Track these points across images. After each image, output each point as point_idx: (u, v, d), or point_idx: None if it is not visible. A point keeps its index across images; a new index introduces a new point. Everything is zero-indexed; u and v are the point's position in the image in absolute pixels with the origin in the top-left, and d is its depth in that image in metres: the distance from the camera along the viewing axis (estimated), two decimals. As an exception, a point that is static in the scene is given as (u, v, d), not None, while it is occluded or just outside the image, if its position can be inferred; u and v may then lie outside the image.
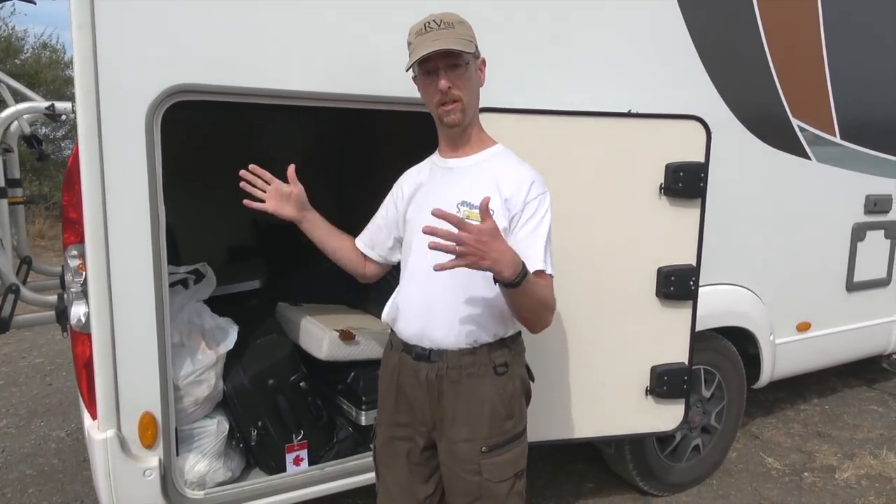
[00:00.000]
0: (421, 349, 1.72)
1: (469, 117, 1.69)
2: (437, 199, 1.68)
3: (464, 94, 1.64)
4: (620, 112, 2.41)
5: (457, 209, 1.65)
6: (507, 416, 1.72)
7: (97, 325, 1.94)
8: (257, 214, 1.83)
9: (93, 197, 1.88)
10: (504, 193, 1.66)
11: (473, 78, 1.68)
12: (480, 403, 1.70)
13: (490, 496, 1.70)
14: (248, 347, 2.37)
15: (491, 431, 1.70)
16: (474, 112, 1.73)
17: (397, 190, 1.89)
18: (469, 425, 1.70)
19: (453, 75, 1.62)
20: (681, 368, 2.56)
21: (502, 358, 1.72)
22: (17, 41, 12.19)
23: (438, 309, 1.69)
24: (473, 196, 1.64)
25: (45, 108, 2.56)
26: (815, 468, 3.42)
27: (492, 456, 1.69)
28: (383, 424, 1.86)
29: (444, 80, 1.61)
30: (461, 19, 1.66)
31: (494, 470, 1.70)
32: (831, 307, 3.49)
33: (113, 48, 1.84)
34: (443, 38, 1.59)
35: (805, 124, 3.15)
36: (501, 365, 1.72)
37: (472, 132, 1.75)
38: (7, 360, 5.06)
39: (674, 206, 2.46)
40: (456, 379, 1.70)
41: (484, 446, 1.69)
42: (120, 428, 1.99)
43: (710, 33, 2.77)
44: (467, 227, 1.41)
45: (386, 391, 1.84)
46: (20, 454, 3.55)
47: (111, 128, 1.87)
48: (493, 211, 1.49)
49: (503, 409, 1.72)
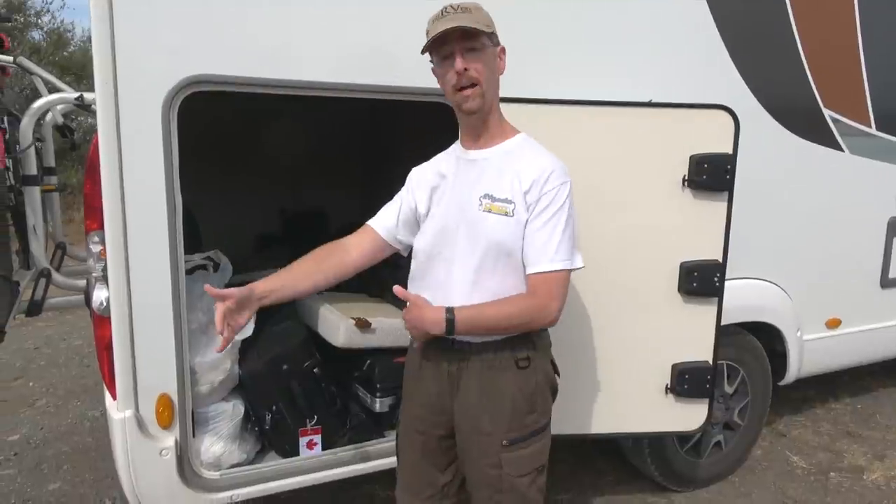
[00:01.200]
0: (444, 343, 1.71)
1: (488, 104, 1.65)
2: (460, 191, 1.70)
3: (482, 78, 1.60)
4: (641, 102, 2.35)
5: (479, 202, 1.65)
6: (528, 411, 1.71)
7: (116, 309, 2.00)
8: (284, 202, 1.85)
9: (111, 185, 1.94)
10: (524, 185, 1.63)
11: (492, 63, 1.64)
12: (502, 397, 1.68)
13: (511, 490, 1.70)
14: (264, 333, 2.41)
15: (512, 425, 1.68)
16: (493, 99, 1.68)
17: (416, 180, 1.84)
18: (490, 418, 1.69)
19: (470, 57, 1.58)
20: (703, 367, 2.49)
21: (525, 352, 1.70)
22: (66, 34, 12.58)
23: (459, 303, 1.65)
24: (496, 189, 1.64)
25: (75, 98, 2.65)
26: (843, 468, 3.33)
27: (513, 450, 1.68)
28: (405, 414, 1.87)
29: (460, 60, 1.58)
30: (479, 6, 1.65)
31: (515, 464, 1.69)
32: (864, 304, 3.38)
33: (130, 40, 1.89)
34: (459, 19, 1.57)
35: (838, 114, 3.04)
36: (524, 359, 1.70)
37: (491, 121, 1.70)
38: (48, 342, 5.28)
39: (697, 199, 2.38)
40: (477, 372, 1.69)
41: (505, 440, 1.68)
42: (138, 408, 2.06)
43: (736, 20, 2.69)
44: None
45: (408, 383, 1.85)
46: (57, 432, 3.71)
47: (129, 118, 1.92)
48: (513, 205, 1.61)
49: (525, 403, 1.70)
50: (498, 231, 1.61)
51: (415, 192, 1.82)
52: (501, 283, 1.64)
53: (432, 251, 1.73)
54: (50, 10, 12.32)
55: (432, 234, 1.73)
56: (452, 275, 1.67)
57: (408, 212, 1.83)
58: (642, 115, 2.35)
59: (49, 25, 12.12)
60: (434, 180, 1.78)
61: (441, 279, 1.70)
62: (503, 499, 1.71)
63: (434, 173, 1.80)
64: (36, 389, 4.33)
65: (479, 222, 1.63)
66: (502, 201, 1.63)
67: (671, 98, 2.39)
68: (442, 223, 1.71)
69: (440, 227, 1.71)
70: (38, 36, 11.67)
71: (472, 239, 1.64)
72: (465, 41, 1.58)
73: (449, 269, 1.68)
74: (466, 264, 1.65)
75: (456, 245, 1.67)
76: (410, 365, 1.85)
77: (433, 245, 1.73)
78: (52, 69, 11.32)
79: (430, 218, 1.75)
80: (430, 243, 1.73)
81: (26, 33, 11.13)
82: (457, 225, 1.68)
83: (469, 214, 1.65)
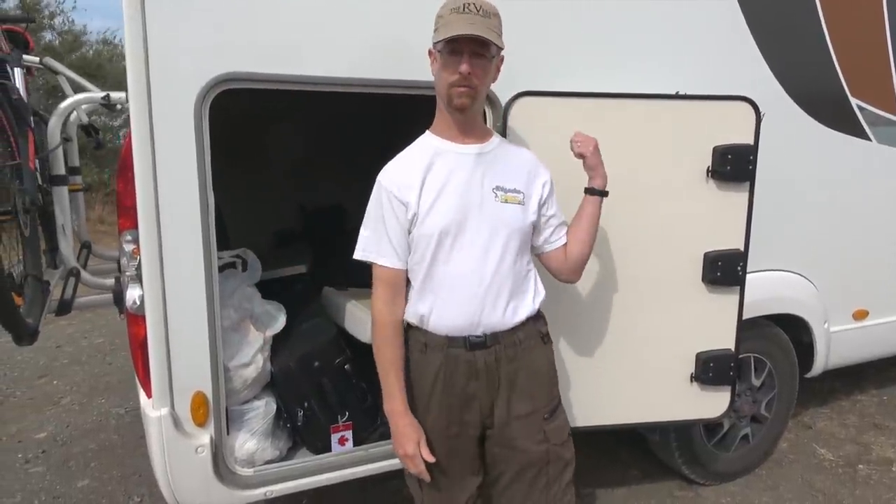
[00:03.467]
0: (475, 337, 1.72)
1: (476, 106, 1.72)
2: (472, 185, 1.71)
3: (479, 84, 1.66)
4: (667, 94, 2.35)
5: (494, 194, 1.72)
6: (555, 382, 1.89)
7: (151, 308, 2.00)
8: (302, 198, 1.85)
9: (145, 183, 1.94)
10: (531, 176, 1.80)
11: (492, 71, 1.71)
12: (538, 373, 1.81)
13: (557, 459, 1.81)
14: (294, 331, 2.42)
15: (549, 398, 1.83)
16: (481, 102, 1.76)
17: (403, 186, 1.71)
18: (530, 398, 1.79)
19: (476, 63, 1.62)
20: (727, 355, 2.51)
21: (545, 327, 1.87)
22: (80, 35, 12.65)
23: (494, 296, 1.72)
24: (503, 180, 1.75)
25: (101, 97, 2.66)
26: (871, 460, 3.31)
27: (552, 420, 1.82)
28: (428, 432, 1.76)
29: (467, 64, 1.60)
30: (497, 12, 1.68)
31: (557, 433, 1.82)
32: (891, 295, 3.34)
33: (162, 38, 1.88)
34: (478, 25, 1.58)
35: (865, 103, 3.01)
36: (546, 334, 1.86)
37: (479, 121, 1.81)
38: (70, 340, 5.32)
39: (721, 190, 2.39)
40: (512, 357, 1.76)
41: (546, 413, 1.81)
42: (173, 406, 2.07)
43: (762, 8, 2.67)
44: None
45: (426, 397, 1.76)
46: (83, 429, 3.74)
47: (161, 116, 1.92)
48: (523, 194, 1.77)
49: (552, 376, 1.88)
50: (515, 220, 1.73)
51: (402, 194, 1.71)
52: (519, 264, 1.77)
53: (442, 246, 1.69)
54: (63, 10, 12.41)
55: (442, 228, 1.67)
56: (485, 266, 1.71)
57: (405, 223, 1.72)
58: (668, 107, 2.35)
59: (61, 27, 12.22)
60: (422, 175, 1.71)
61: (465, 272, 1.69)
62: (550, 469, 1.80)
63: (420, 168, 1.72)
64: (60, 387, 4.37)
65: (500, 213, 1.72)
66: (513, 192, 1.75)
67: (700, 89, 2.38)
68: (453, 216, 1.67)
69: (455, 224, 1.68)
70: (50, 36, 11.77)
71: (495, 230, 1.71)
72: (476, 46, 1.61)
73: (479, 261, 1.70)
74: (494, 254, 1.71)
75: (479, 238, 1.70)
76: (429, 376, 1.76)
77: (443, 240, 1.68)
78: (67, 70, 11.39)
79: (434, 215, 1.68)
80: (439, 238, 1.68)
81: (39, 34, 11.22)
82: (478, 219, 1.70)
83: (488, 207, 1.71)
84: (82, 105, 2.73)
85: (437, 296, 1.71)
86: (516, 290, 1.76)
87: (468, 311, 1.71)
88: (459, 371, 1.74)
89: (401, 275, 1.75)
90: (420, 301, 1.74)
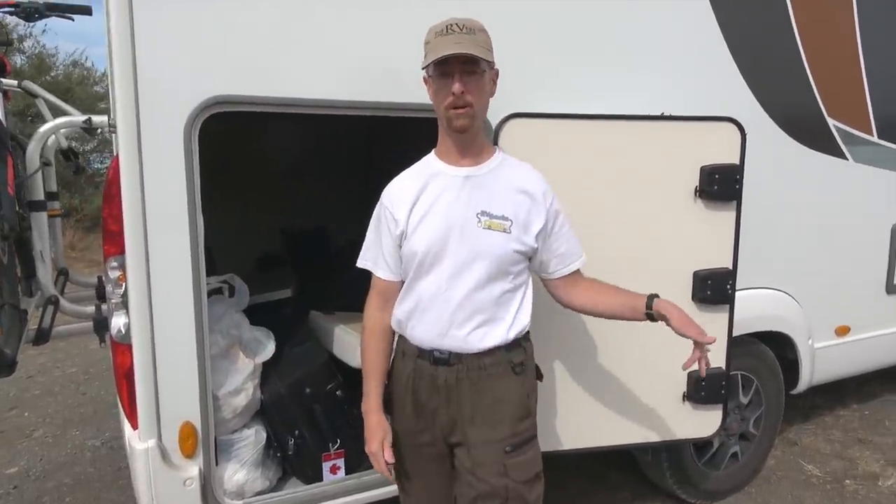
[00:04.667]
0: (439, 353, 1.72)
1: (477, 124, 1.69)
2: (456, 208, 1.69)
3: (475, 101, 1.63)
4: (654, 115, 2.38)
5: (477, 219, 1.68)
6: (524, 416, 1.77)
7: (138, 336, 1.95)
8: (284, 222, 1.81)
9: (133, 208, 1.90)
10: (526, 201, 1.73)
11: (486, 87, 1.68)
12: (501, 403, 1.72)
13: (517, 498, 1.71)
14: (284, 356, 2.37)
15: (512, 431, 1.72)
16: (482, 120, 1.73)
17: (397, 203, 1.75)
18: (490, 426, 1.71)
19: (468, 80, 1.61)
20: (718, 373, 2.52)
21: (519, 357, 1.76)
22: (49, 58, 12.47)
23: (463, 318, 1.69)
24: (490, 206, 1.69)
25: (83, 122, 2.59)
26: (858, 475, 3.34)
27: (515, 456, 1.71)
28: (402, 434, 1.81)
29: (459, 83, 1.59)
30: (482, 27, 1.65)
31: (519, 470, 1.72)
32: (871, 310, 3.41)
33: (152, 61, 1.86)
34: (464, 43, 1.58)
35: (841, 123, 3.09)
36: (519, 364, 1.76)
37: (479, 140, 1.75)
38: (42, 370, 5.15)
39: (709, 209, 2.42)
40: (475, 380, 1.71)
41: (508, 446, 1.71)
42: (161, 438, 2.01)
43: (742, 32, 2.73)
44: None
45: (401, 400, 1.81)
46: (57, 463, 3.60)
47: (150, 139, 1.89)
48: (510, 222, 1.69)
49: (522, 408, 1.76)
50: (497, 247, 1.68)
51: (395, 211, 1.75)
52: (496, 292, 1.70)
53: (430, 267, 1.70)
54: (32, 33, 12.23)
55: (424, 248, 1.69)
56: (455, 288, 1.68)
57: (396, 239, 1.76)
58: (656, 128, 2.38)
59: (31, 50, 12.03)
60: (416, 195, 1.73)
61: (437, 292, 1.69)
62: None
63: (415, 188, 1.74)
64: (32, 419, 4.21)
65: (480, 239, 1.68)
66: (500, 218, 1.69)
67: (684, 111, 2.41)
68: (440, 238, 1.68)
69: (438, 243, 1.68)
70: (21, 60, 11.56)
71: (473, 255, 1.67)
72: (467, 63, 1.60)
73: (449, 283, 1.68)
74: (468, 279, 1.68)
75: (457, 261, 1.68)
76: (401, 382, 1.80)
77: (428, 262, 1.69)
78: (37, 94, 11.17)
79: (419, 234, 1.70)
80: (421, 258, 1.69)
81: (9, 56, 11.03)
82: (458, 242, 1.68)
83: (469, 231, 1.68)
84: (61, 129, 2.66)
85: (414, 308, 1.74)
86: (490, 318, 1.71)
87: (435, 329, 1.71)
88: (424, 383, 1.75)
89: (393, 286, 1.81)
90: (400, 307, 1.79)
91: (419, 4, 2.13)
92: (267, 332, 2.35)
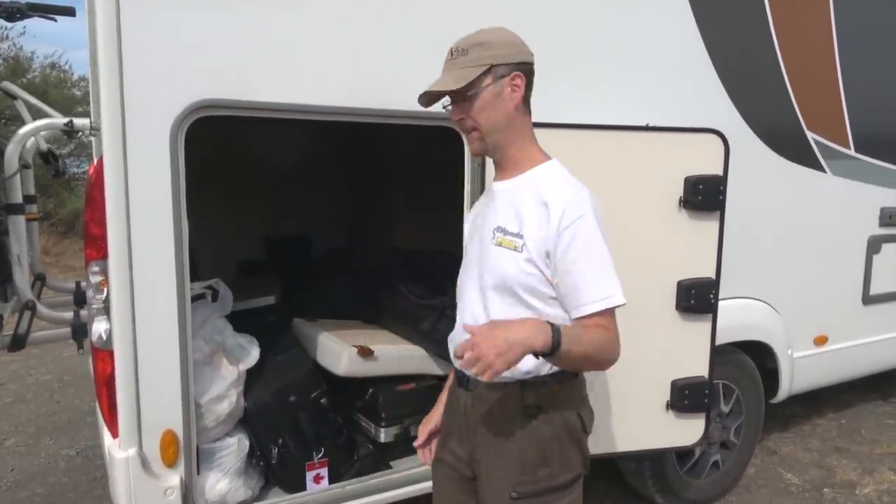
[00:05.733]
0: (462, 375, 1.65)
1: (493, 142, 1.56)
2: (483, 224, 1.65)
3: (479, 123, 1.53)
4: (639, 126, 2.40)
5: (492, 235, 1.58)
6: (539, 464, 1.55)
7: (120, 342, 1.91)
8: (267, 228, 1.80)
9: (117, 212, 1.87)
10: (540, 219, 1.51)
11: (489, 103, 1.51)
12: (507, 444, 1.57)
13: None
14: (269, 364, 2.34)
15: (522, 477, 1.55)
16: (500, 135, 1.56)
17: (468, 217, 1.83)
18: (498, 465, 1.58)
19: (464, 106, 1.53)
20: (701, 382, 2.54)
21: (535, 399, 1.55)
22: (26, 60, 12.28)
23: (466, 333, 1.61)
24: (508, 222, 1.55)
25: (64, 124, 2.55)
26: (836, 483, 3.38)
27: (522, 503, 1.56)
28: (440, 448, 1.76)
29: (455, 112, 1.56)
30: (481, 41, 1.52)
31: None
32: (848, 320, 3.47)
33: (139, 65, 1.84)
34: (445, 75, 1.52)
35: (820, 137, 3.15)
36: (533, 406, 1.55)
37: (512, 153, 1.59)
38: (14, 377, 5.03)
39: (693, 220, 2.45)
40: (486, 412, 1.59)
41: (514, 491, 1.54)
42: (141, 446, 1.96)
43: (725, 46, 2.78)
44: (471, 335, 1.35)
45: (445, 412, 1.78)
46: (30, 473, 3.51)
47: (136, 144, 1.86)
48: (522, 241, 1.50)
49: (535, 455, 1.55)
50: (503, 266, 1.53)
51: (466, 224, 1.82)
52: (505, 314, 1.53)
53: (460, 279, 1.72)
54: (9, 36, 12.05)
55: (463, 264, 1.73)
56: (469, 304, 1.62)
57: None
58: (641, 138, 2.40)
59: (7, 52, 11.84)
60: (473, 212, 1.78)
61: (461, 307, 1.68)
62: None
63: (476, 208, 1.79)
64: (4, 428, 4.10)
65: (490, 255, 1.57)
66: (513, 235, 1.54)
67: (667, 122, 2.44)
68: (468, 255, 1.70)
69: (467, 259, 1.70)
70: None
71: (483, 271, 1.59)
72: (454, 93, 1.52)
73: (468, 298, 1.63)
74: (476, 296, 1.60)
75: (472, 276, 1.63)
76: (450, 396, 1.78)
77: (461, 275, 1.72)
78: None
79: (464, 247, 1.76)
80: (460, 273, 1.73)
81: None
82: (476, 256, 1.64)
83: (483, 246, 1.60)
84: (42, 132, 2.62)
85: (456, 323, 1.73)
86: None
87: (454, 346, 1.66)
88: (453, 400, 1.72)
89: None
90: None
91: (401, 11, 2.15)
92: (251, 338, 2.32)
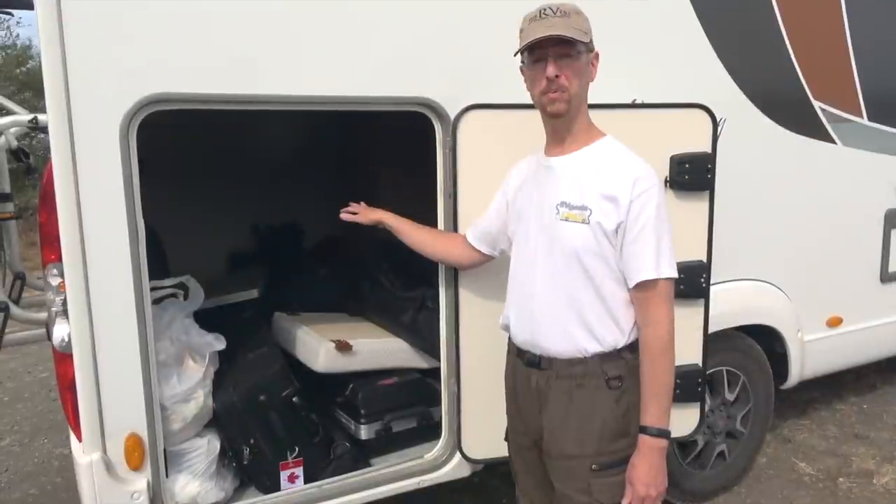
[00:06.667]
0: (532, 355, 1.69)
1: (574, 109, 1.61)
2: (538, 199, 1.68)
3: (571, 85, 1.56)
4: (622, 104, 2.26)
5: (556, 210, 1.62)
6: (620, 434, 1.61)
7: (78, 345, 1.86)
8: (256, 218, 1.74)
9: (68, 213, 1.80)
10: (607, 192, 1.57)
11: (584, 70, 1.60)
12: (591, 417, 1.62)
13: None
14: (239, 362, 2.28)
15: (601, 448, 1.61)
16: (580, 105, 1.63)
17: (506, 182, 1.89)
18: (577, 440, 1.62)
19: (563, 64, 1.55)
20: (695, 370, 2.41)
21: (616, 370, 1.62)
22: (25, 51, 12.45)
23: (544, 315, 1.64)
24: (572, 196, 1.61)
25: (28, 121, 2.51)
26: (852, 473, 3.22)
27: (603, 475, 1.60)
28: (511, 431, 1.86)
29: (553, 66, 1.54)
30: (578, 9, 1.58)
31: (606, 491, 1.60)
32: (865, 300, 3.29)
33: (83, 61, 1.76)
34: (557, 26, 1.53)
35: (828, 106, 2.96)
36: (615, 378, 1.62)
37: (577, 126, 1.65)
38: (13, 375, 5.04)
39: (680, 200, 2.30)
40: (566, 390, 1.63)
41: (594, 464, 1.60)
42: (105, 450, 1.92)
43: (717, 11, 2.60)
44: None
45: (507, 395, 1.85)
46: (24, 473, 3.51)
47: (84, 141, 1.79)
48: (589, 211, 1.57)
49: (617, 425, 1.61)
50: (574, 239, 1.59)
51: (507, 192, 1.86)
52: (579, 289, 1.61)
53: (517, 256, 1.76)
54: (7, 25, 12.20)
55: (519, 237, 1.76)
56: (535, 280, 1.67)
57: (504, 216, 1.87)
58: (624, 116, 2.25)
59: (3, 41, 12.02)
60: (519, 183, 1.81)
61: (523, 282, 1.72)
62: None
63: (519, 177, 1.82)
64: (0, 427, 4.13)
65: (557, 230, 1.62)
66: (579, 208, 1.59)
67: (655, 97, 2.30)
68: (525, 228, 1.72)
69: (523, 232, 1.73)
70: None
71: (550, 246, 1.64)
72: (560, 46, 1.54)
73: (532, 274, 1.67)
74: (545, 271, 1.65)
75: (536, 252, 1.66)
76: (507, 377, 1.85)
77: (517, 250, 1.77)
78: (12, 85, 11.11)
79: (517, 222, 1.78)
80: (516, 247, 1.78)
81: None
82: (537, 231, 1.67)
83: (547, 221, 1.64)
84: (10, 129, 2.58)
85: (510, 302, 1.78)
86: (583, 322, 1.60)
87: (525, 327, 1.70)
88: (519, 382, 1.75)
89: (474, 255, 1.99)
90: (507, 304, 1.81)
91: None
92: (218, 336, 2.25)
